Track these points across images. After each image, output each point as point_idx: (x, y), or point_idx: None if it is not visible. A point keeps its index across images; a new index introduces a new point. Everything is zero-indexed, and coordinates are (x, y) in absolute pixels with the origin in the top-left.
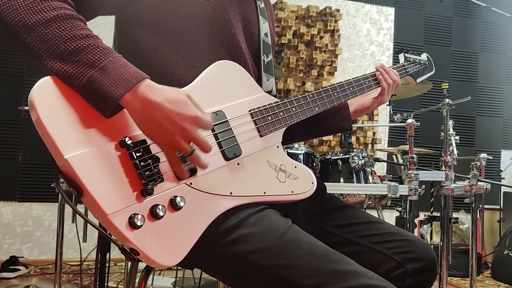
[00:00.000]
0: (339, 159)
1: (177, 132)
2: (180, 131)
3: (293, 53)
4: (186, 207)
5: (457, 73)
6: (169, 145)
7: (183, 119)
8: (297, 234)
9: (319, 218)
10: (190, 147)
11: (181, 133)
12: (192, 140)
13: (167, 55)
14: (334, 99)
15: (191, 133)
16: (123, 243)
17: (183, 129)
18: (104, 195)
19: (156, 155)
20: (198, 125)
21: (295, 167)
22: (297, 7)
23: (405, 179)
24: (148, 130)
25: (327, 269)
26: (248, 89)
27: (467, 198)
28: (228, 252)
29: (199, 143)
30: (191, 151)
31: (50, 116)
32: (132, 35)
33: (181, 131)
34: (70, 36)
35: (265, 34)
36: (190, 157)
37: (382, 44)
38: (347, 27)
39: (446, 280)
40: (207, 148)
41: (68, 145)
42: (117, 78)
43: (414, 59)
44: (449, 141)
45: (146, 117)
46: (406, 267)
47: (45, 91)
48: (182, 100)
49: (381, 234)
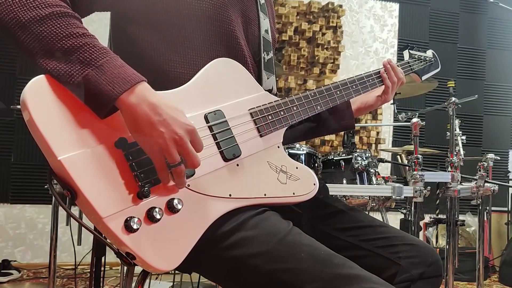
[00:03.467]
0: (341, 159)
1: (169, 137)
2: (173, 136)
3: (294, 50)
4: (184, 210)
5: (463, 71)
6: (158, 149)
7: (179, 125)
8: (299, 237)
9: (321, 221)
10: (178, 158)
11: (173, 138)
12: (182, 150)
13: (164, 52)
14: (337, 97)
15: (184, 142)
16: (118, 247)
17: (176, 134)
18: (99, 198)
19: None
20: (192, 137)
21: (297, 168)
22: (298, 2)
23: (410, 180)
24: (140, 132)
25: (329, 273)
26: (248, 88)
27: (474, 199)
28: (227, 256)
29: (189, 155)
30: (177, 162)
31: (43, 116)
32: (128, 32)
33: (174, 136)
34: (66, 34)
35: (265, 31)
36: (174, 168)
37: (386, 41)
38: (350, 24)
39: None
40: (196, 163)
41: (61, 146)
42: (114, 78)
43: (419, 56)
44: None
45: (140, 118)
46: (411, 272)
47: (38, 90)
48: (180, 110)
49: (385, 238)
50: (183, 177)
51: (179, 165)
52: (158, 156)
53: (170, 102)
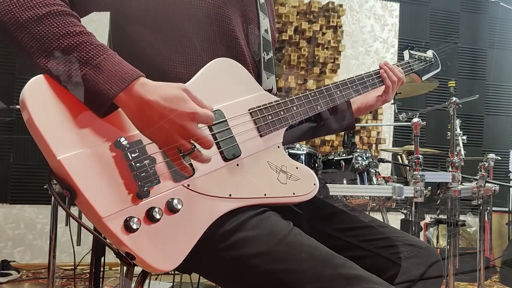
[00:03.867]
0: (342, 159)
1: (174, 131)
2: (177, 128)
3: (294, 50)
4: (184, 210)
5: (464, 71)
6: (167, 144)
7: (180, 116)
8: (299, 238)
9: (321, 221)
10: (190, 145)
11: (178, 131)
12: (191, 137)
13: (163, 52)
14: (337, 97)
15: (190, 130)
16: (118, 247)
17: (180, 126)
18: (98, 198)
19: (152, 156)
20: (197, 121)
21: (297, 168)
22: (298, 2)
23: (410, 181)
24: (145, 130)
25: (330, 273)
26: (248, 88)
27: (475, 200)
28: (227, 256)
29: (199, 139)
30: (191, 148)
31: (42, 116)
32: (127, 31)
33: (179, 128)
34: (63, 33)
35: (265, 31)
36: (191, 155)
37: (387, 41)
38: (351, 23)
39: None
40: (209, 144)
41: (61, 146)
42: (112, 76)
43: (419, 56)
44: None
45: (141, 116)
46: (411, 272)
47: (37, 89)
48: (178, 96)
49: (385, 239)
50: (202, 156)
51: (193, 151)
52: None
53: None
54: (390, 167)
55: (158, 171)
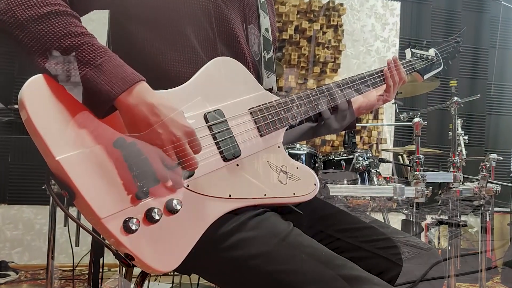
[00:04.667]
0: (342, 159)
1: (167, 138)
2: (170, 137)
3: (294, 49)
4: (183, 211)
5: (466, 70)
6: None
7: (177, 126)
8: (299, 238)
9: (321, 222)
10: (175, 159)
11: (171, 140)
12: (179, 151)
13: (163, 51)
14: (338, 97)
15: (181, 144)
16: (117, 248)
17: (173, 135)
18: (97, 198)
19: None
20: (190, 139)
21: (297, 168)
22: (299, 1)
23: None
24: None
25: (330, 274)
26: (248, 87)
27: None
28: (227, 257)
29: (186, 157)
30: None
31: (41, 116)
32: (127, 30)
33: (172, 137)
34: (64, 33)
35: (265, 30)
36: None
37: (388, 40)
38: (351, 22)
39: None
40: (193, 165)
41: (59, 146)
42: (113, 77)
43: (421, 54)
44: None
45: (138, 119)
46: (412, 273)
47: (36, 89)
48: (178, 110)
49: (386, 239)
50: (180, 178)
51: (176, 166)
52: (155, 157)
53: (168, 102)
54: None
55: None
